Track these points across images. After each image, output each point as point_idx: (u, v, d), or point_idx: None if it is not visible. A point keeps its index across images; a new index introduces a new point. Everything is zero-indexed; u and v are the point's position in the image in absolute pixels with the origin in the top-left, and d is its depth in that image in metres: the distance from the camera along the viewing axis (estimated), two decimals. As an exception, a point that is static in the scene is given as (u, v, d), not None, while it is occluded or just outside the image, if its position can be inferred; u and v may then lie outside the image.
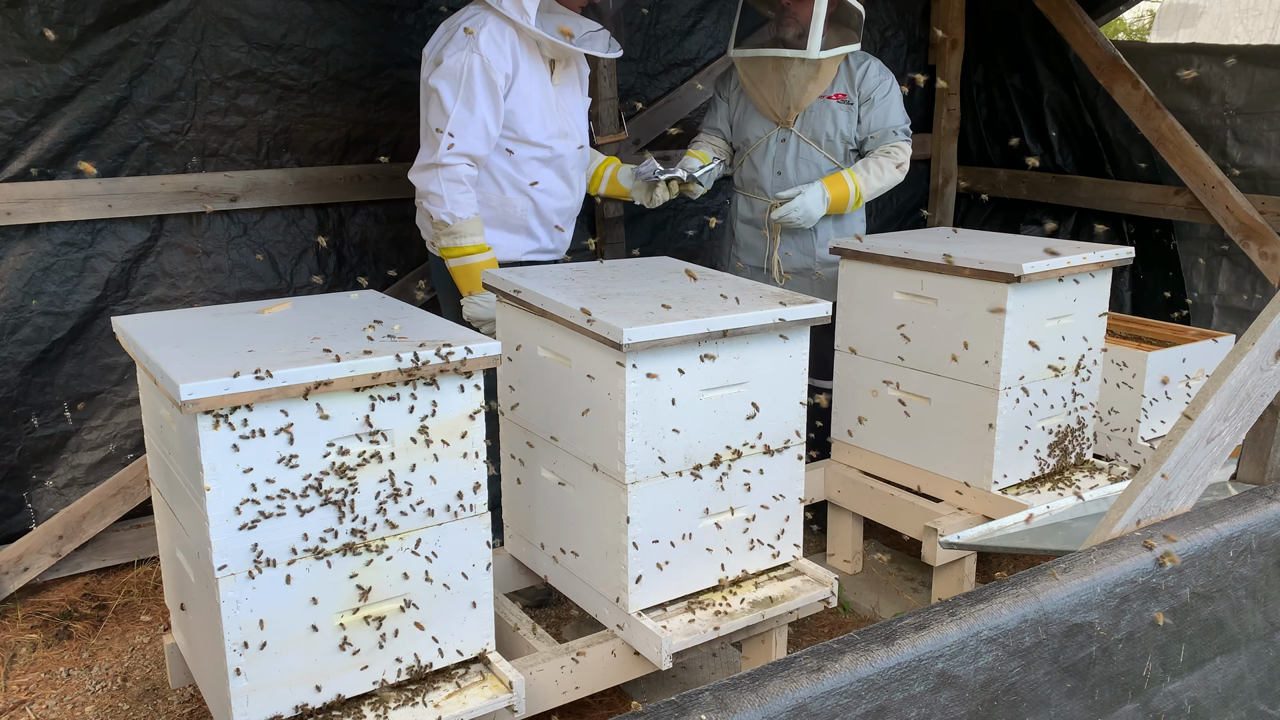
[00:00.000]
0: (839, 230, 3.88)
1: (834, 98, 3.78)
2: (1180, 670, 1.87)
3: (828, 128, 3.79)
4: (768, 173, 3.85)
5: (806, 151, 3.82)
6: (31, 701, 2.98)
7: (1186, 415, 1.92)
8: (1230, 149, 4.48)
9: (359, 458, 2.11)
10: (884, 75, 3.81)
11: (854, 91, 3.80)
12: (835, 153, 3.82)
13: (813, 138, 3.80)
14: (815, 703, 1.42)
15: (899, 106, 3.81)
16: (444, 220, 3.10)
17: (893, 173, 3.79)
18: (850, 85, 3.80)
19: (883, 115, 3.78)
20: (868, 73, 3.80)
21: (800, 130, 3.81)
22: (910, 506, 3.40)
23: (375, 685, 2.22)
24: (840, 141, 3.81)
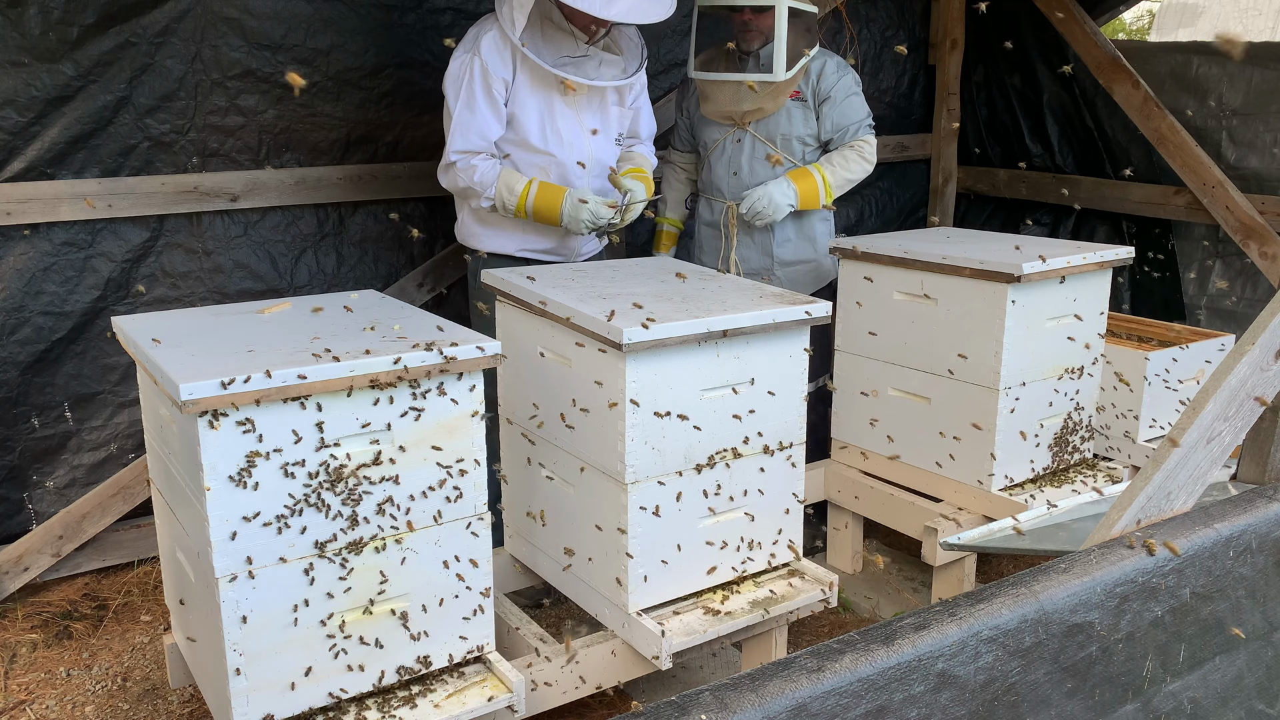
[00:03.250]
0: (800, 232, 3.81)
1: (792, 96, 3.74)
2: (1180, 670, 1.87)
3: (783, 128, 3.74)
4: (724, 174, 3.81)
5: (762, 152, 3.76)
6: (31, 701, 2.98)
7: (1185, 416, 1.92)
8: (1225, 150, 4.49)
9: (359, 458, 2.11)
10: (842, 72, 3.75)
11: (810, 90, 3.74)
12: (792, 152, 3.76)
13: (768, 138, 3.75)
14: (815, 703, 1.42)
15: (860, 101, 3.76)
16: (490, 200, 3.23)
17: (860, 165, 3.74)
18: (806, 84, 3.75)
19: (844, 112, 3.73)
20: (824, 71, 3.73)
21: (756, 130, 3.76)
22: (910, 506, 3.40)
23: (375, 685, 2.22)
24: (796, 142, 3.76)
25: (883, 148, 5.23)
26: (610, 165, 3.37)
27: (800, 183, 3.69)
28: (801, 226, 3.82)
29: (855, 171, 3.75)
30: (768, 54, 3.61)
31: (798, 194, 3.67)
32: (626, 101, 3.44)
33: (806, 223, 3.83)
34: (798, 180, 3.69)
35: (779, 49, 3.57)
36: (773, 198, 3.64)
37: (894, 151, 5.30)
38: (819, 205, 3.73)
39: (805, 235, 3.83)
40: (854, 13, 4.96)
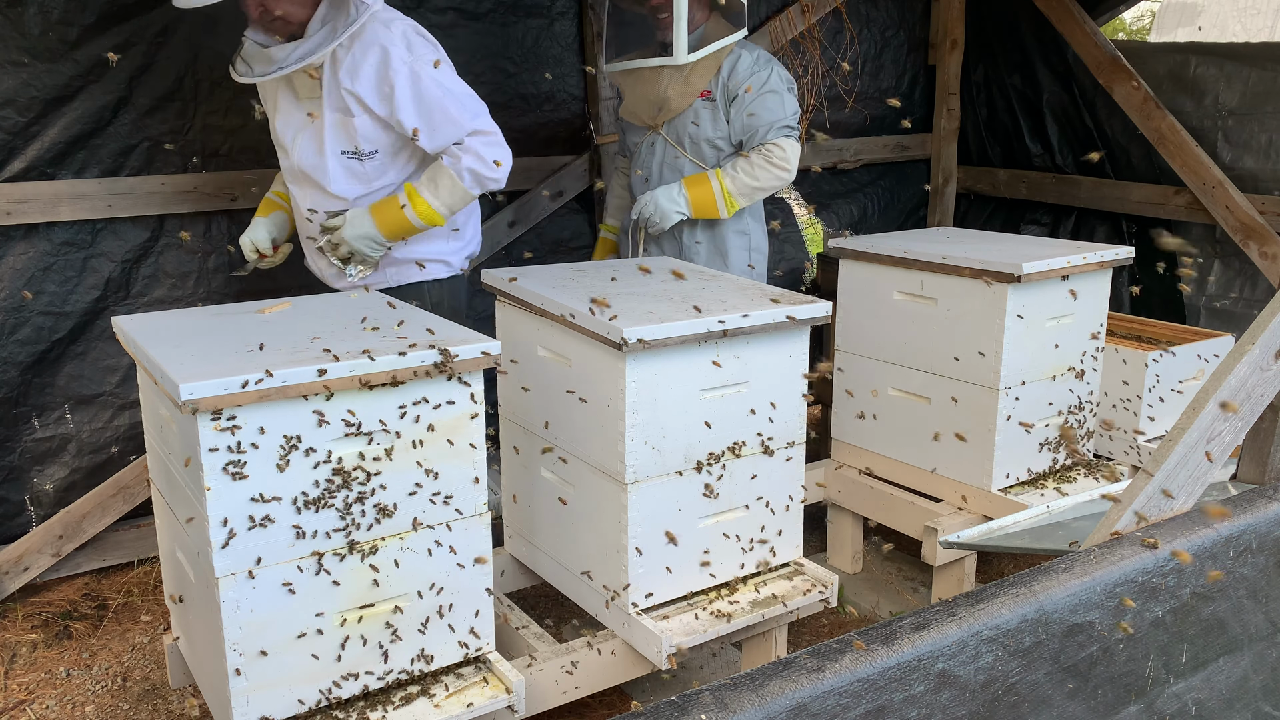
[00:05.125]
0: (712, 245, 3.51)
1: (701, 95, 3.44)
2: (1183, 671, 1.87)
3: (690, 129, 3.45)
4: (638, 179, 3.58)
5: (671, 155, 3.50)
6: (31, 701, 2.98)
7: (1185, 416, 1.92)
8: (1221, 150, 4.49)
9: (359, 458, 2.11)
10: (758, 68, 3.40)
11: (720, 88, 3.41)
12: (701, 156, 3.46)
13: (677, 140, 3.47)
14: (815, 703, 1.42)
15: (779, 101, 3.37)
16: None
17: (769, 171, 3.35)
18: (716, 81, 3.42)
19: (756, 112, 3.37)
20: (736, 67, 3.40)
21: (667, 133, 3.49)
22: (910, 506, 3.40)
23: (375, 685, 2.22)
24: (706, 144, 3.44)
25: (883, 148, 5.25)
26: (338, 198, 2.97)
27: (693, 189, 3.38)
28: (714, 238, 3.52)
29: (763, 179, 3.36)
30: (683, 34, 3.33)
31: (689, 201, 3.38)
32: (373, 109, 2.85)
33: (718, 234, 3.52)
34: (692, 187, 3.39)
35: (679, 30, 3.29)
36: (659, 205, 3.38)
37: (894, 151, 5.31)
38: (718, 215, 3.41)
39: (717, 249, 3.52)
40: (854, 13, 4.96)
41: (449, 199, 2.90)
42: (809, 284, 5.05)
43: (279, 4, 2.79)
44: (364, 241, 2.93)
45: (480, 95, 3.49)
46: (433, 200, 2.89)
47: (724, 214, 3.41)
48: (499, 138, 2.92)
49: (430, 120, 2.84)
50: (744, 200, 3.41)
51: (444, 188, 2.89)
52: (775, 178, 3.37)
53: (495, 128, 2.92)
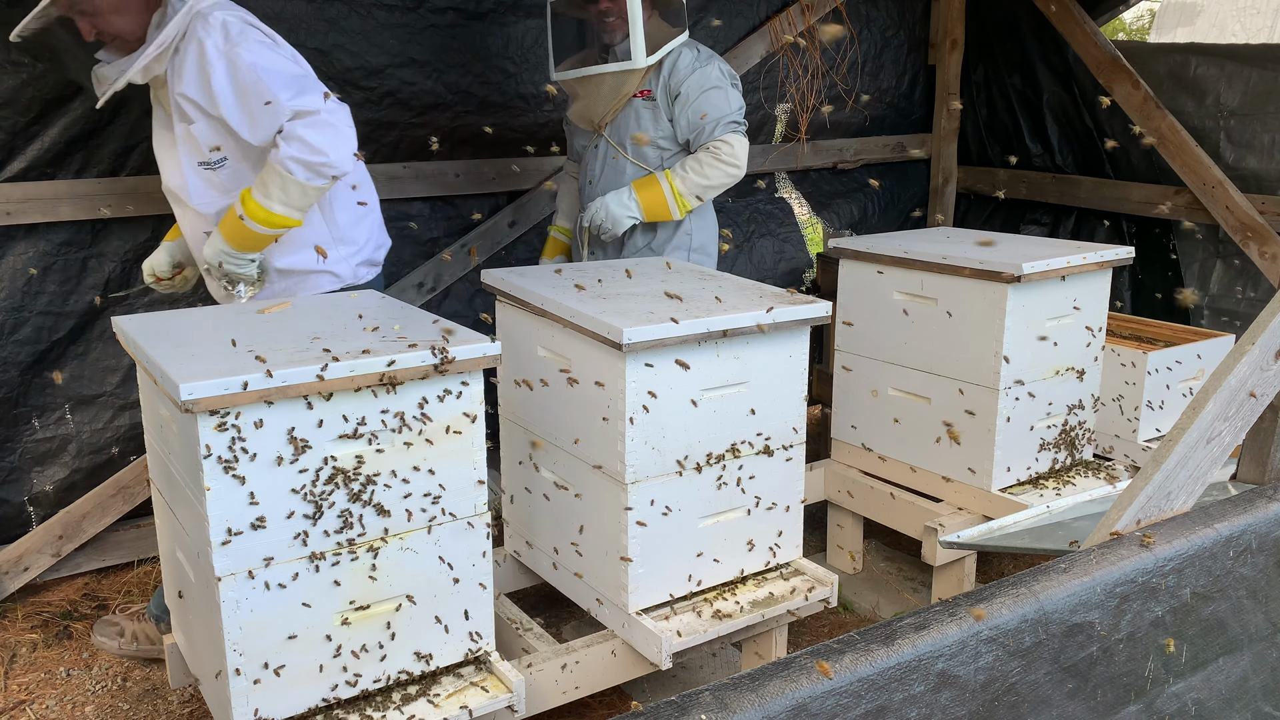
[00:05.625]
0: (652, 243, 3.43)
1: (640, 95, 3.35)
2: (1183, 671, 1.87)
3: (632, 130, 3.36)
4: (584, 182, 3.52)
5: (613, 157, 3.41)
6: (31, 701, 2.98)
7: (1185, 416, 1.92)
8: (1224, 150, 4.49)
9: (359, 458, 2.11)
10: (699, 64, 3.31)
11: (660, 87, 3.32)
12: (643, 157, 3.36)
13: (619, 142, 3.39)
14: (815, 703, 1.42)
15: (723, 96, 3.29)
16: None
17: (719, 169, 3.27)
18: (656, 80, 3.33)
19: (699, 109, 3.28)
20: (677, 65, 3.30)
21: (610, 135, 3.40)
22: (910, 506, 3.40)
23: (375, 685, 2.22)
24: (648, 146, 3.37)
25: (883, 148, 5.25)
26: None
27: (643, 192, 3.30)
28: (654, 243, 3.44)
29: (713, 177, 3.28)
30: (624, 47, 3.26)
31: (639, 205, 3.30)
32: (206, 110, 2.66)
33: (658, 240, 3.44)
34: (641, 190, 3.30)
35: (635, 32, 3.20)
36: (610, 210, 3.29)
37: (894, 151, 5.31)
38: (670, 217, 3.32)
39: (657, 250, 3.44)
40: (854, 13, 4.96)
41: (284, 196, 2.60)
42: (809, 284, 5.05)
43: (104, 21, 2.60)
44: (221, 256, 2.70)
45: (480, 95, 3.47)
46: (264, 201, 2.60)
47: (676, 215, 3.33)
48: (327, 116, 2.60)
49: (249, 109, 2.59)
50: (695, 200, 3.32)
51: (273, 184, 2.59)
52: (726, 174, 3.29)
53: (323, 105, 2.61)
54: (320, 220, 2.82)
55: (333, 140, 2.59)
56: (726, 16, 4.58)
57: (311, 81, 2.66)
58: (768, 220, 4.98)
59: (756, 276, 4.83)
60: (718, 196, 3.45)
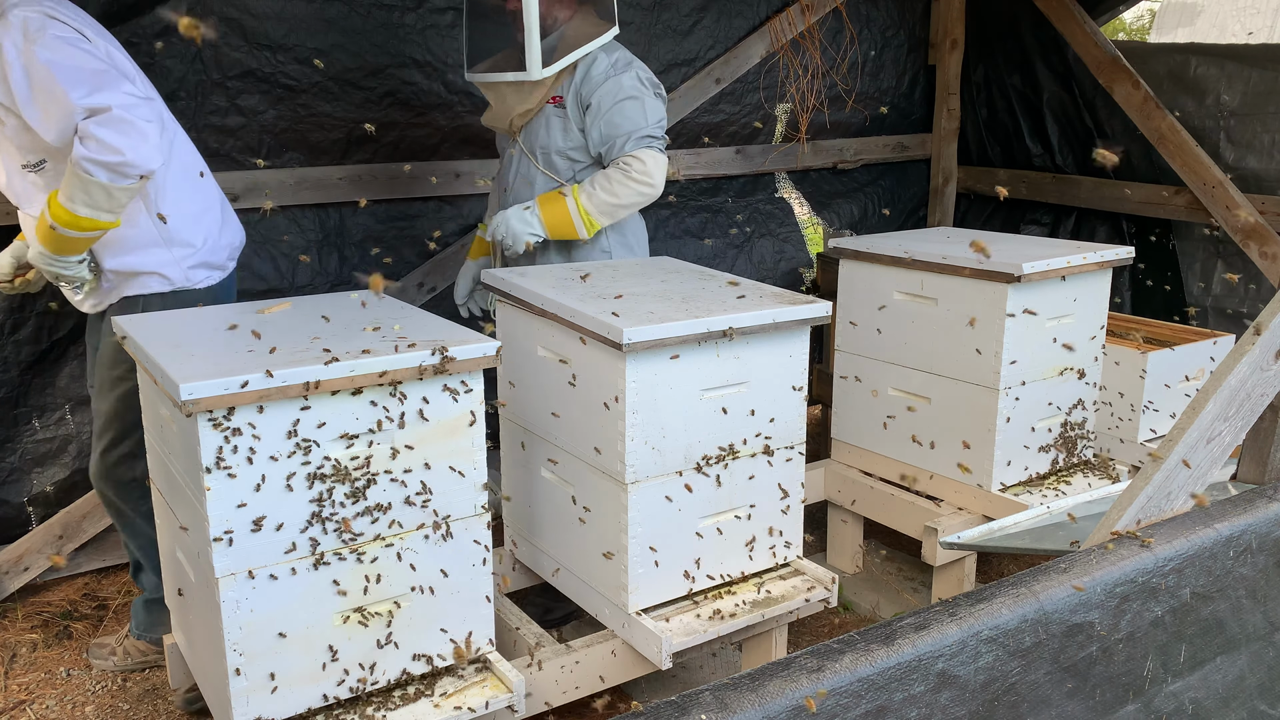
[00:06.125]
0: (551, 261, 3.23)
1: (552, 101, 3.14)
2: (1181, 670, 1.87)
3: (543, 139, 3.17)
4: (500, 188, 3.35)
5: (526, 166, 3.22)
6: (31, 701, 2.98)
7: (1185, 416, 1.92)
8: (1224, 150, 4.49)
9: (359, 458, 2.11)
10: (614, 72, 3.09)
11: (572, 95, 3.12)
12: (553, 168, 3.17)
13: (531, 150, 3.20)
14: (815, 702, 1.42)
15: (638, 107, 3.07)
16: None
17: (628, 186, 3.04)
18: (568, 86, 3.13)
19: (612, 121, 3.06)
20: (590, 72, 3.09)
21: (523, 142, 3.22)
22: (910, 506, 3.40)
23: (375, 685, 2.22)
24: (559, 157, 3.16)
25: (882, 148, 5.25)
26: None
27: (547, 209, 3.09)
28: (570, 260, 3.23)
29: (623, 196, 3.05)
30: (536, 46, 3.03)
31: (542, 222, 3.10)
32: (14, 111, 2.55)
33: (576, 258, 3.23)
34: (546, 206, 3.10)
35: (530, 43, 3.01)
36: (510, 226, 3.10)
37: (894, 151, 5.31)
38: (576, 236, 3.10)
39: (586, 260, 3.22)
40: (854, 13, 4.96)
41: (87, 198, 2.47)
42: (809, 284, 5.05)
43: None
44: (41, 260, 2.60)
45: (480, 95, 3.43)
46: (68, 204, 2.48)
47: (583, 234, 3.10)
48: (122, 113, 2.44)
49: (44, 108, 2.47)
50: (605, 219, 3.10)
51: (75, 187, 2.47)
52: (637, 193, 3.06)
53: (119, 101, 2.45)
54: (148, 221, 2.71)
55: (130, 138, 2.45)
56: (726, 16, 4.58)
57: (111, 77, 2.48)
58: (768, 220, 4.98)
59: (756, 276, 4.83)
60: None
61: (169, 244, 2.75)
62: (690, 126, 4.58)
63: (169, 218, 2.73)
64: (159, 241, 2.74)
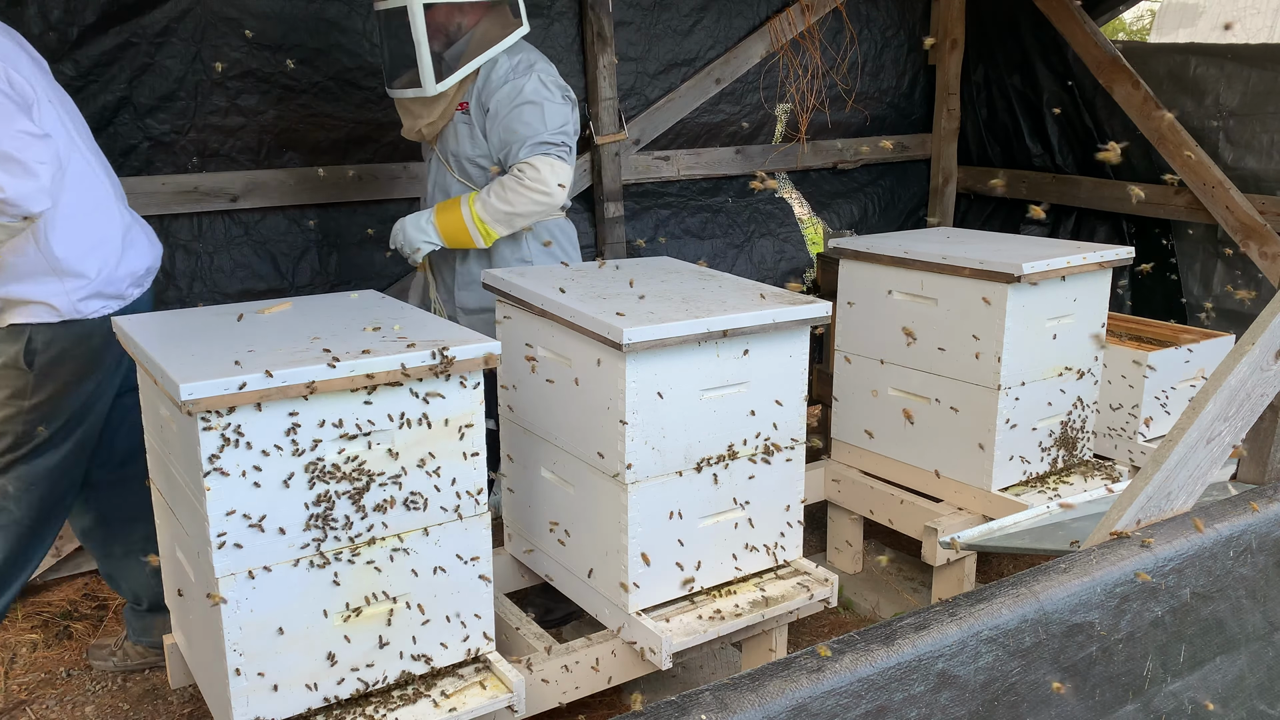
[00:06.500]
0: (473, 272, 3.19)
1: (460, 108, 3.11)
2: (1180, 670, 1.87)
3: (453, 146, 3.14)
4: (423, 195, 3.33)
5: (442, 175, 3.19)
6: (31, 701, 2.98)
7: (1185, 416, 1.92)
8: (1222, 151, 4.49)
9: (359, 458, 2.11)
10: (514, 75, 3.02)
11: (475, 101, 3.06)
12: (468, 176, 3.13)
13: (445, 159, 3.17)
14: (815, 703, 1.42)
15: (537, 112, 3.00)
16: None
17: (523, 195, 2.97)
18: (472, 92, 3.08)
19: (509, 127, 3.01)
20: (490, 76, 3.04)
21: (439, 151, 3.19)
22: (910, 506, 3.40)
23: (375, 685, 2.22)
24: (469, 164, 3.12)
25: (883, 148, 5.25)
26: None
27: (443, 217, 3.05)
28: (491, 266, 3.19)
29: (518, 204, 2.99)
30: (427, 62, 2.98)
31: (437, 230, 3.06)
32: None
33: (497, 263, 3.21)
34: (441, 214, 3.06)
35: (421, 56, 2.96)
36: (407, 235, 3.08)
37: (894, 151, 5.31)
38: (473, 244, 3.07)
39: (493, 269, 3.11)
40: (854, 13, 4.96)
41: None
42: (809, 284, 5.05)
43: None
44: None
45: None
46: None
47: (479, 243, 3.06)
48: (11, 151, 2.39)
49: None
50: (502, 228, 3.04)
51: None
52: (532, 202, 2.99)
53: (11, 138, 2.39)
54: (36, 251, 2.62)
55: (15, 177, 2.39)
56: (726, 16, 4.58)
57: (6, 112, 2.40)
58: (768, 220, 4.98)
59: (756, 276, 4.83)
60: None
61: (60, 275, 2.65)
62: (690, 126, 4.59)
63: (60, 250, 2.62)
64: (49, 271, 2.63)
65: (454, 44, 3.03)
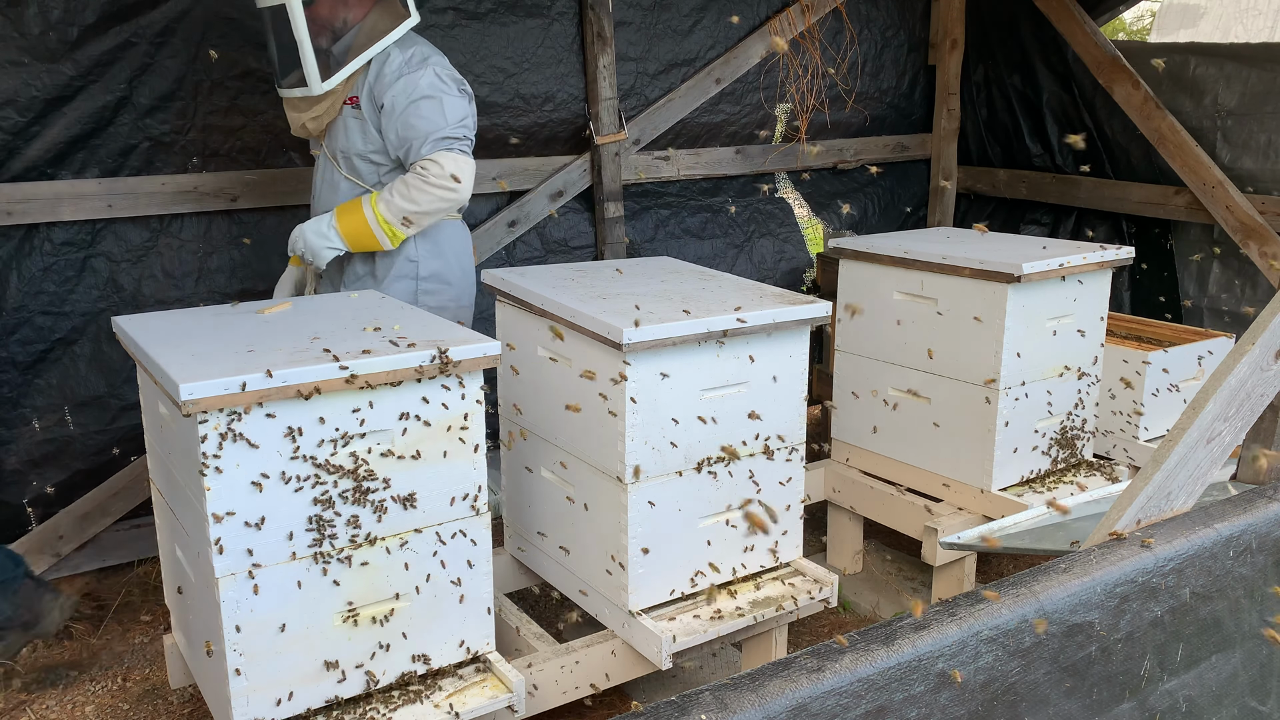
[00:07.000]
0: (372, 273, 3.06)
1: (349, 103, 2.98)
2: (1177, 669, 1.87)
3: (342, 142, 3.00)
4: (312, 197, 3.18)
5: (329, 171, 3.05)
6: (31, 702, 2.98)
7: (1185, 416, 1.91)
8: (1220, 150, 4.49)
9: (358, 458, 2.11)
10: (408, 70, 2.90)
11: (366, 95, 2.95)
12: (357, 173, 3.00)
13: (333, 155, 3.03)
14: (815, 703, 1.42)
15: (436, 107, 2.89)
16: None
17: (428, 192, 2.86)
18: (362, 85, 2.95)
19: (407, 122, 2.88)
20: (383, 69, 2.91)
21: (326, 147, 3.05)
22: (910, 506, 3.40)
23: (375, 685, 2.22)
24: (360, 161, 2.99)
25: (883, 148, 5.25)
26: None
27: (344, 219, 2.92)
28: (375, 271, 3.06)
29: (423, 201, 2.86)
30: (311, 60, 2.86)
31: (339, 234, 2.93)
32: None
33: (380, 268, 3.05)
34: (343, 216, 2.92)
35: (304, 54, 2.86)
36: (308, 241, 2.94)
37: (894, 151, 5.31)
38: (379, 247, 2.93)
39: (377, 280, 3.06)
40: (854, 13, 4.96)
41: None
42: (809, 284, 5.05)
43: None
44: None
45: (480, 95, 3.45)
46: None
47: (386, 245, 2.93)
48: None
49: None
50: (408, 228, 2.92)
51: None
52: (439, 199, 2.87)
53: None
54: None
55: None
56: (726, 16, 4.58)
57: None
58: (768, 220, 4.98)
59: (756, 276, 4.83)
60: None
61: None
62: (690, 126, 4.59)
63: None
64: None
65: (341, 38, 2.93)
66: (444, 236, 3.10)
